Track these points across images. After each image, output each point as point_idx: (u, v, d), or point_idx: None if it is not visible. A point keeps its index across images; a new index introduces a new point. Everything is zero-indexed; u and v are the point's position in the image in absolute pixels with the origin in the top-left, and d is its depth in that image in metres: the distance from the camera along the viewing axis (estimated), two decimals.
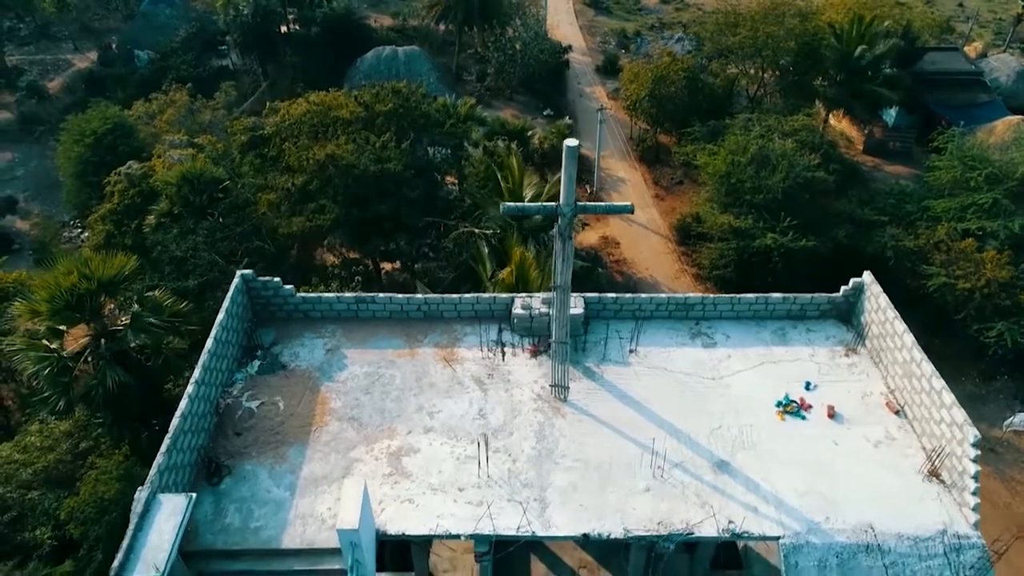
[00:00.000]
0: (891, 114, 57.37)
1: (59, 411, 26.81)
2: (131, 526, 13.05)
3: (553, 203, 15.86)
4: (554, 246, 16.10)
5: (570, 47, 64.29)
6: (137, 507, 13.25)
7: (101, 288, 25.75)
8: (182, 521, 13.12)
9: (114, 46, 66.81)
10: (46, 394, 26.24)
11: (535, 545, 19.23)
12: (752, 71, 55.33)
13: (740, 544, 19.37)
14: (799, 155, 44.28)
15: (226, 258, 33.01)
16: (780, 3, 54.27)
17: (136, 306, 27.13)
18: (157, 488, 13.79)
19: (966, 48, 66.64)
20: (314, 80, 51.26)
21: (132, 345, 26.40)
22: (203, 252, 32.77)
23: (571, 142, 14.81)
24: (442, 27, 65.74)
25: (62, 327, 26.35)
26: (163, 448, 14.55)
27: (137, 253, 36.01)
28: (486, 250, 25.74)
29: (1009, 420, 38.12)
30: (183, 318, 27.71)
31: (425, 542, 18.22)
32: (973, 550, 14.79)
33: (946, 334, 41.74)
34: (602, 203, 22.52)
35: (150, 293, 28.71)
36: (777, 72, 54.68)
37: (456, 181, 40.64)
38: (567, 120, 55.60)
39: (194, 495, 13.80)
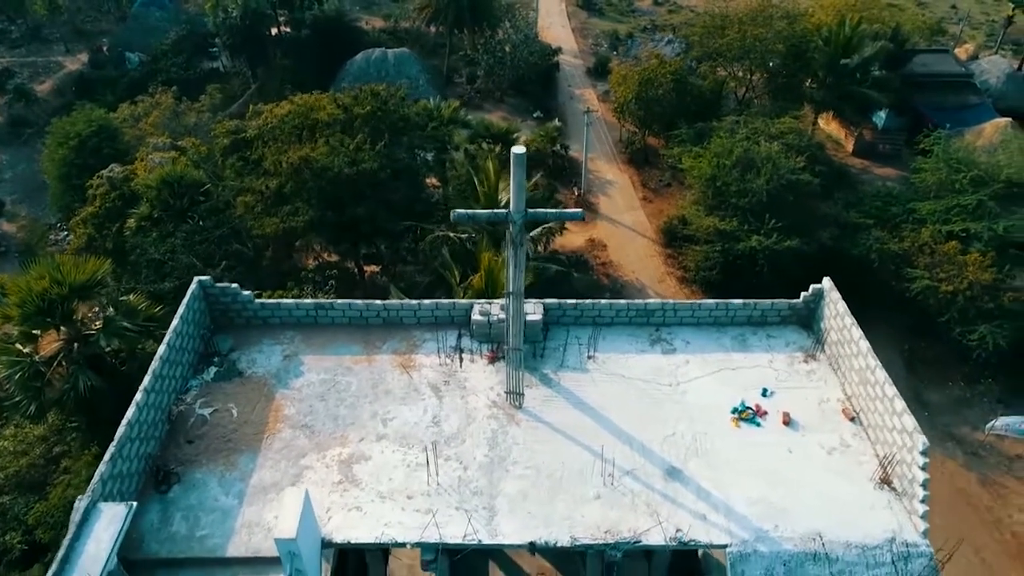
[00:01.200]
0: (881, 116, 57.28)
1: (30, 415, 26.88)
2: (68, 535, 13.04)
3: (504, 210, 15.83)
4: (507, 253, 16.08)
5: (560, 49, 64.30)
6: (76, 516, 13.24)
7: (73, 292, 25.85)
8: (120, 530, 13.10)
9: (105, 48, 67.03)
10: (17, 399, 26.27)
11: (493, 552, 19.19)
12: (740, 73, 55.28)
13: (700, 551, 19.30)
14: (784, 158, 44.26)
15: (204, 261, 33.09)
16: (768, 5, 54.19)
17: (110, 310, 27.22)
18: (99, 497, 13.78)
19: (957, 50, 66.49)
20: (303, 82, 51.35)
21: (106, 349, 26.49)
22: (181, 255, 32.84)
23: (518, 150, 14.78)
24: (433, 29, 65.81)
25: (36, 331, 26.44)
26: (107, 456, 14.56)
27: (117, 256, 36.23)
28: (449, 257, 25.68)
29: (991, 423, 38.17)
30: (158, 322, 27.78)
31: (382, 550, 18.21)
32: (921, 558, 14.73)
33: (930, 337, 41.77)
34: (553, 210, 22.41)
35: (125, 297, 28.79)
36: (765, 74, 54.62)
37: (439, 185, 40.67)
38: (556, 123, 55.58)
39: (135, 504, 13.78)
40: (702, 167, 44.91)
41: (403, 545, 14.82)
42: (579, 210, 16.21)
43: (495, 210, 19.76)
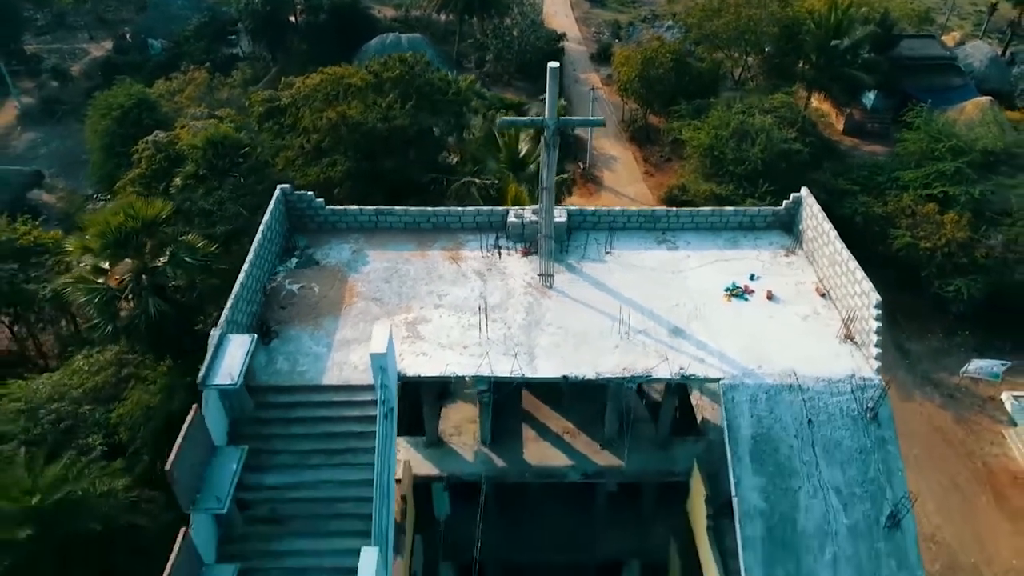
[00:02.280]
0: (870, 97, 61.76)
1: (106, 336, 31.06)
2: (208, 356, 17.19)
3: (539, 118, 20.14)
4: (542, 154, 20.36)
5: (564, 35, 68.84)
6: (212, 342, 17.40)
7: (144, 227, 30.13)
8: (247, 351, 17.27)
9: (128, 35, 71.29)
10: (95, 322, 30.55)
11: (526, 415, 23.40)
12: (736, 55, 59.74)
13: (699, 416, 23.55)
14: (777, 129, 48.72)
15: (250, 210, 37.27)
16: None
17: (173, 246, 31.50)
18: (226, 331, 17.96)
19: (944, 37, 71.13)
20: (321, 66, 55.49)
21: (170, 280, 30.68)
22: (229, 205, 36.98)
23: (553, 64, 19.10)
24: (443, 17, 70.23)
25: (105, 265, 30.68)
26: (227, 307, 18.74)
27: None
28: (479, 197, 29.86)
29: (965, 367, 42.40)
30: (213, 259, 32.25)
31: (436, 408, 22.42)
32: (873, 388, 18.99)
33: (913, 294, 46.03)
34: (579, 118, 26.64)
35: (183, 236, 33.08)
36: (760, 56, 59.09)
37: (455, 150, 44.93)
38: (562, 102, 59.92)
39: (256, 336, 17.98)
40: (701, 138, 49.36)
41: (462, 378, 19.03)
42: (601, 118, 20.44)
43: (533, 117, 24.04)
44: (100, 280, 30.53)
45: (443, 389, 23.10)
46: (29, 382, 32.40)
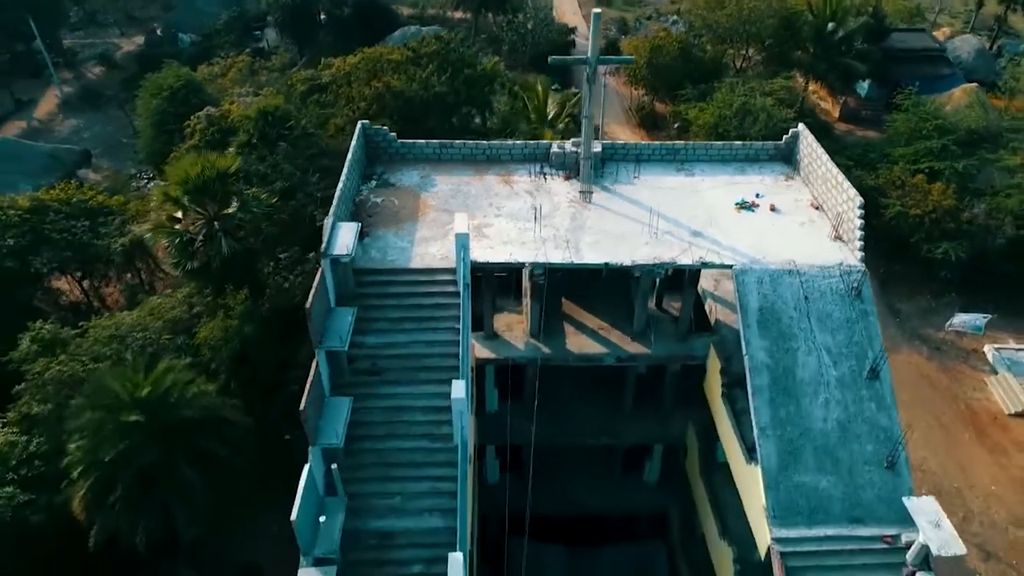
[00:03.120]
0: (864, 86, 67.15)
1: (186, 272, 35.94)
2: (325, 237, 22.06)
3: (583, 56, 25.23)
4: (583, 88, 25.39)
5: (575, 28, 74.26)
6: (327, 228, 22.28)
7: (217, 177, 35.14)
8: (356, 233, 22.17)
9: (159, 30, 76.51)
10: (176, 260, 35.54)
11: (565, 316, 28.27)
12: (737, 45, 65.15)
13: (712, 318, 28.42)
14: (777, 109, 53.95)
15: (301, 171, 42.26)
16: None
17: (241, 195, 36.45)
18: (335, 220, 22.86)
19: (935, 33, 76.78)
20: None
21: (240, 225, 35.52)
22: (284, 165, 41.95)
23: (597, 10, 24.19)
24: (459, 14, 75.66)
25: (179, 215, 35.67)
26: (332, 207, 23.61)
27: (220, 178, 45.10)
28: None
29: (950, 321, 47.34)
30: (274, 210, 37.34)
31: (492, 307, 27.25)
32: (857, 273, 23.95)
33: (904, 262, 51.09)
34: (614, 56, 31.51)
35: (248, 190, 38.04)
36: (760, 47, 64.48)
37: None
38: (574, 90, 65.19)
39: (360, 224, 22.89)
40: (706, 117, 54.56)
41: (522, 264, 23.94)
42: (631, 56, 25.51)
43: (576, 56, 29.11)
44: (177, 226, 35.61)
45: (496, 294, 27.85)
46: (113, 316, 37.20)
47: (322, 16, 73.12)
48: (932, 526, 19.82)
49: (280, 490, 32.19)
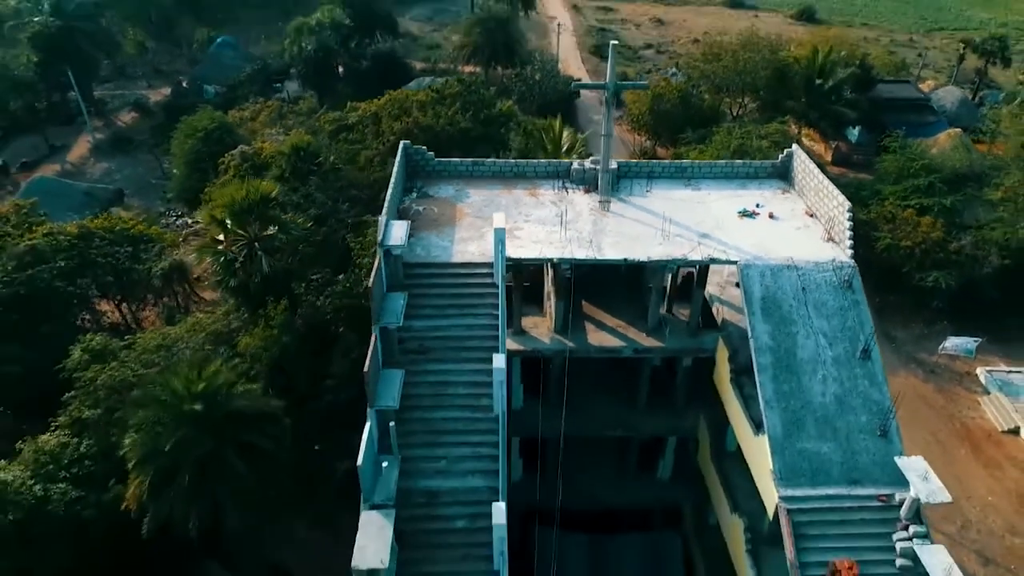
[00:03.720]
0: (854, 133, 71.60)
1: (227, 289, 39.12)
2: (380, 232, 25.32)
3: (602, 83, 28.94)
4: (603, 110, 29.02)
5: (580, 80, 78.98)
6: (381, 225, 25.57)
7: (260, 200, 38.62)
8: (407, 228, 25.49)
9: (184, 82, 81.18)
10: (219, 279, 38.79)
11: (586, 315, 31.34)
12: (733, 94, 69.70)
13: (719, 318, 31.51)
14: (772, 151, 57.84)
15: (332, 200, 45.80)
16: (756, 37, 69.23)
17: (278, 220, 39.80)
18: (388, 219, 26.16)
19: (920, 86, 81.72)
20: None
21: (278, 245, 38.77)
22: (316, 195, 45.50)
23: (614, 41, 27.93)
24: (469, 68, 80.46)
25: (221, 237, 39.01)
26: (384, 210, 26.92)
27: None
28: None
29: (942, 345, 50.30)
30: (309, 233, 40.77)
31: (520, 306, 30.32)
32: (848, 267, 27.22)
33: (897, 293, 54.39)
34: (629, 81, 35.19)
35: (284, 216, 41.44)
36: (755, 95, 68.99)
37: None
38: (580, 135, 69.41)
39: (409, 222, 26.19)
40: (705, 158, 58.43)
41: (551, 259, 27.15)
42: (646, 82, 29.16)
43: (596, 81, 32.77)
44: (220, 247, 38.97)
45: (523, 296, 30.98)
46: (159, 330, 40.24)
47: (340, 69, 77.91)
48: (921, 479, 22.69)
49: (309, 498, 35.02)
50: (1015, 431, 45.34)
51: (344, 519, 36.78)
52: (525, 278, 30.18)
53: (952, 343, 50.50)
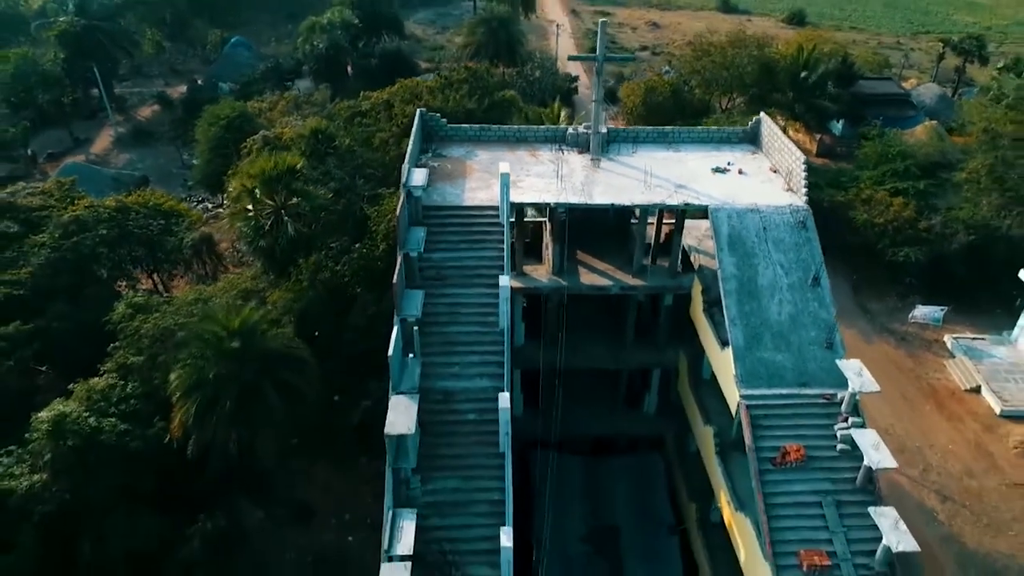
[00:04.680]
0: (837, 126, 77.05)
1: (257, 251, 44.32)
2: (404, 177, 30.61)
3: (593, 55, 34.36)
4: (593, 79, 34.41)
5: (578, 77, 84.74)
6: (404, 172, 30.90)
7: (286, 171, 43.95)
8: (426, 174, 30.84)
9: (200, 80, 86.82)
10: (248, 240, 44.04)
11: (579, 261, 36.59)
12: (723, 88, 75.26)
13: (696, 264, 36.74)
14: None
15: (349, 176, 51.11)
16: (743, 35, 74.97)
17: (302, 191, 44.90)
18: (410, 167, 31.49)
19: (904, 84, 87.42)
20: None
21: (302, 213, 43.90)
22: (335, 171, 50.82)
23: (602, 20, 33.37)
24: (472, 65, 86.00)
25: (249, 207, 44.23)
26: (406, 161, 32.21)
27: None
28: None
29: (912, 314, 55.50)
30: (330, 203, 45.92)
31: (523, 251, 35.54)
32: (803, 211, 32.54)
33: (873, 270, 59.52)
34: (617, 55, 40.39)
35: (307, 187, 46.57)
36: (743, 90, 74.59)
37: None
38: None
39: (427, 170, 31.51)
40: None
41: (548, 204, 32.46)
42: (632, 55, 34.58)
43: (587, 53, 38.17)
44: (250, 214, 44.23)
45: (524, 241, 36.23)
46: (194, 288, 45.44)
47: (349, 69, 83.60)
48: (856, 375, 27.87)
49: (330, 440, 39.99)
50: (976, 390, 50.26)
51: (360, 465, 41.90)
52: (526, 234, 35.46)
53: (920, 312, 55.80)
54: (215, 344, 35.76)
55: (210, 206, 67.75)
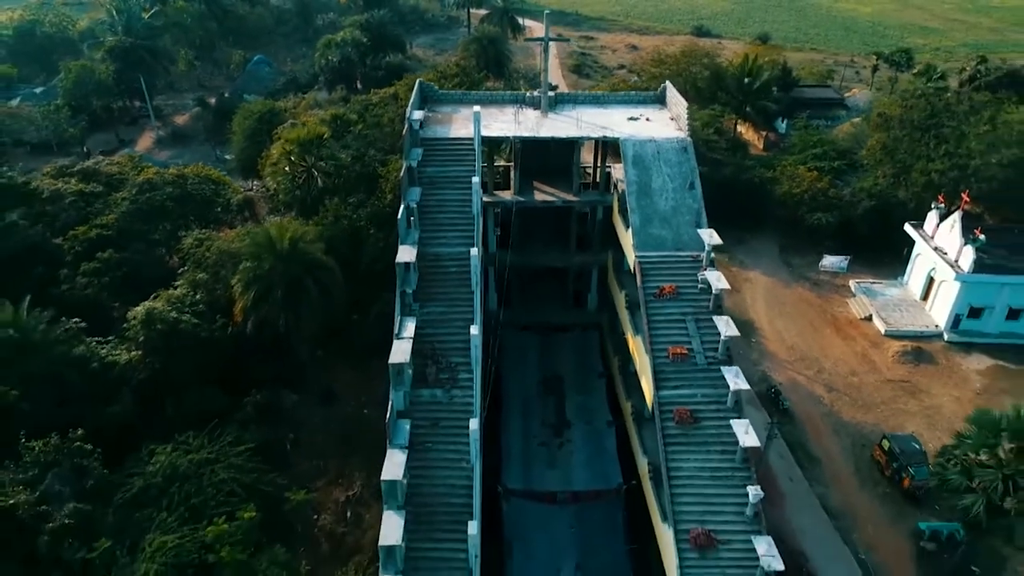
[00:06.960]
0: (782, 125, 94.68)
1: (291, 202, 61.43)
2: (408, 114, 47.70)
3: (541, 37, 51.85)
4: (540, 53, 51.80)
5: (557, 86, 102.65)
6: (408, 112, 47.96)
7: (317, 138, 61.34)
8: (423, 115, 47.86)
9: (227, 93, 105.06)
10: (284, 189, 61.13)
11: (535, 187, 53.48)
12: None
13: (619, 189, 53.52)
14: (703, 129, 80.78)
15: (365, 149, 68.42)
16: (695, 48, 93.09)
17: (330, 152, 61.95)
18: (410, 113, 48.61)
19: (847, 93, 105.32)
20: None
21: (326, 172, 60.93)
22: (353, 144, 68.15)
23: (548, 12, 50.79)
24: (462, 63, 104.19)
25: (286, 167, 61.49)
26: (408, 111, 49.33)
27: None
28: None
29: (821, 263, 72.04)
30: (351, 163, 62.86)
31: (492, 175, 52.54)
32: (685, 140, 49.65)
33: (796, 235, 76.24)
34: (558, 37, 58.21)
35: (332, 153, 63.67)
36: (696, 93, 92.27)
37: None
38: None
39: (424, 111, 48.65)
40: None
41: (507, 137, 49.56)
42: (568, 39, 52.06)
43: (539, 37, 55.85)
44: (287, 170, 61.33)
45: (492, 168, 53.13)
46: (246, 228, 62.31)
47: (358, 84, 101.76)
48: (709, 236, 44.43)
49: (349, 342, 55.73)
50: (868, 318, 66.52)
51: (372, 365, 57.69)
52: (496, 171, 52.45)
53: (828, 261, 72.50)
54: (269, 248, 52.14)
55: (242, 189, 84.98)
